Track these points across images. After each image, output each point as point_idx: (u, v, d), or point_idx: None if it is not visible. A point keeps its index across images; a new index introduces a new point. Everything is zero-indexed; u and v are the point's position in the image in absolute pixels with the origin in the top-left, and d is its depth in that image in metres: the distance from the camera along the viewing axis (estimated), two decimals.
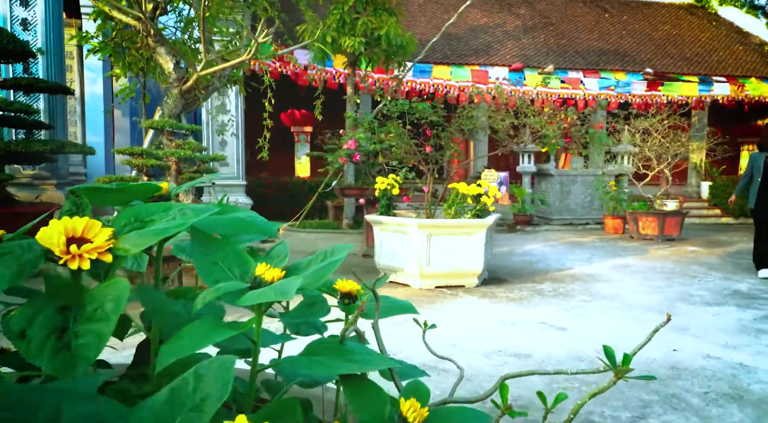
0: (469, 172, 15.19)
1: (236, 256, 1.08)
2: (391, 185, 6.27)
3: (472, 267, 5.93)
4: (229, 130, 9.47)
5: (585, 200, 12.45)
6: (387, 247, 6.19)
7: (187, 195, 5.80)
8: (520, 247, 9.17)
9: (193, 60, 6.21)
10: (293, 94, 12.83)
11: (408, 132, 6.82)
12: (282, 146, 14.90)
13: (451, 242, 5.87)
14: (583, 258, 8.18)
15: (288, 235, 8.74)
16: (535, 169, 12.62)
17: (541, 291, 5.89)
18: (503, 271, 6.99)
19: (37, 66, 7.07)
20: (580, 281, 6.46)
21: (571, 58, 15.17)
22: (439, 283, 5.94)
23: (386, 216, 6.25)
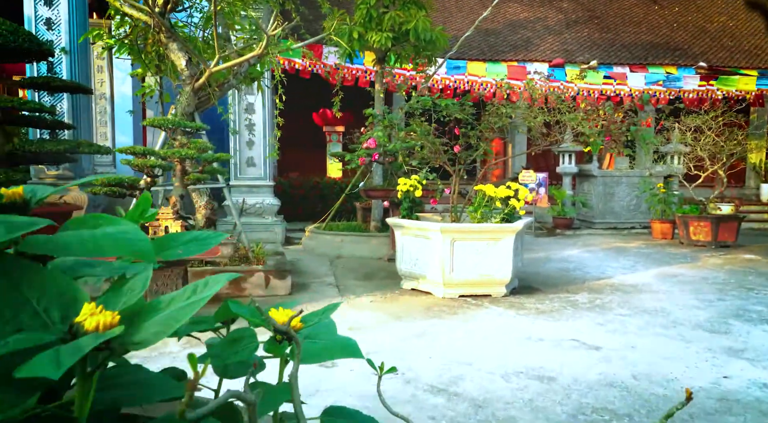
0: (507, 172, 14.62)
1: (61, 292, 0.78)
2: (413, 187, 5.89)
3: (499, 275, 5.49)
4: (257, 130, 9.27)
5: (630, 203, 11.74)
6: (408, 253, 5.82)
7: (201, 196, 5.57)
8: (558, 253, 8.62)
9: (210, 57, 5.98)
10: (325, 93, 12.59)
11: (434, 131, 6.43)
12: (314, 146, 14.70)
13: (477, 248, 5.45)
14: (625, 266, 7.59)
15: (313, 238, 8.47)
16: (576, 169, 11.98)
17: (575, 302, 5.39)
18: (536, 280, 6.51)
19: (60, 66, 7.01)
20: (620, 292, 5.93)
21: (616, 52, 14.41)
22: (464, 291, 5.53)
23: (408, 219, 5.88)
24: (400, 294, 5.65)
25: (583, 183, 12.30)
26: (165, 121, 4.13)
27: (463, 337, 4.23)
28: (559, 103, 5.93)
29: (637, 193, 11.53)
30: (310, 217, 10.90)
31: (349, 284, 6.08)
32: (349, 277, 6.49)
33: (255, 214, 9.23)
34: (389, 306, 5.14)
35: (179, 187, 4.27)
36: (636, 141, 13.33)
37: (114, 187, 4.00)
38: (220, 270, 5.23)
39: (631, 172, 11.76)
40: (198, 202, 5.55)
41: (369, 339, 4.12)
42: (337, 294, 5.54)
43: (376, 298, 5.45)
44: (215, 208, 5.59)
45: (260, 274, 5.30)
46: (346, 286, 5.95)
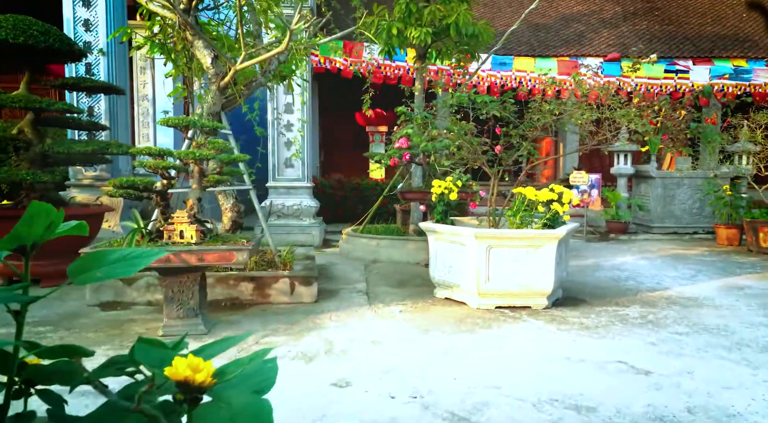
0: (558, 173, 13.97)
1: None
2: (448, 189, 5.53)
3: (539, 286, 5.06)
4: (294, 130, 9.11)
5: (693, 206, 10.93)
6: (442, 260, 5.46)
7: (227, 199, 5.40)
8: (609, 260, 8.04)
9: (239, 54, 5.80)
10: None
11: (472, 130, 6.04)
12: (358, 147, 14.49)
13: (515, 256, 5.04)
14: (685, 275, 6.96)
15: (349, 241, 8.22)
16: (632, 170, 11.26)
17: (625, 317, 4.90)
18: (582, 290, 6.02)
19: (98, 67, 7.03)
20: (677, 305, 5.38)
21: (678, 45, 13.52)
22: (501, 302, 5.13)
23: (442, 224, 5.52)
24: (433, 303, 5.30)
25: (640, 185, 11.56)
26: (179, 120, 3.94)
27: (494, 356, 3.86)
28: (609, 98, 5.43)
29: (700, 196, 10.72)
30: (350, 218, 10.68)
31: (380, 291, 5.78)
32: (382, 283, 6.19)
33: (293, 216, 9.07)
34: (419, 317, 4.80)
35: (197, 189, 4.07)
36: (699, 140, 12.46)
37: (127, 189, 3.84)
38: (244, 276, 5.04)
39: (694, 173, 10.95)
40: (224, 205, 5.38)
41: (391, 354, 3.81)
42: (365, 302, 5.25)
43: (406, 307, 5.12)
44: (242, 210, 5.41)
45: (285, 280, 5.07)
46: (376, 294, 5.66)
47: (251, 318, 4.58)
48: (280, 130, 9.17)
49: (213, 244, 3.88)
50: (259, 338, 4.04)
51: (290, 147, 9.17)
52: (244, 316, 4.65)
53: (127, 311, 4.66)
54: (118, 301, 4.82)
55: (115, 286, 4.78)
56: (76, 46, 5.77)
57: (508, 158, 5.67)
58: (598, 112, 5.45)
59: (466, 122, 6.05)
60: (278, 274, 5.10)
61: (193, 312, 4.03)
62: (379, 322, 4.59)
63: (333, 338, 4.11)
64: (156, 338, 1.06)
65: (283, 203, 9.05)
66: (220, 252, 3.82)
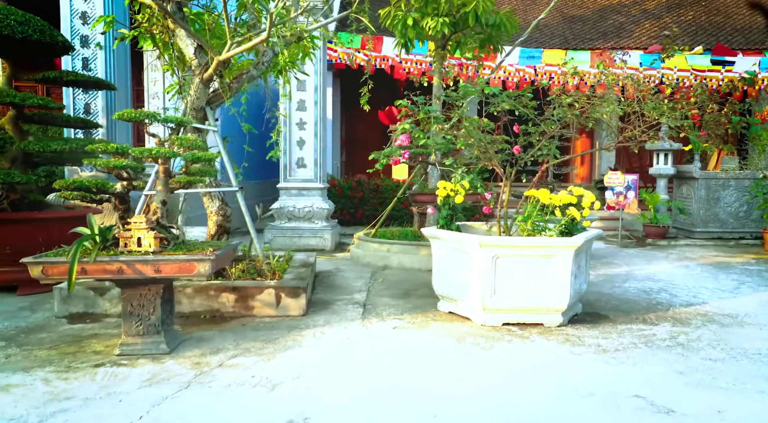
0: (593, 174, 13.17)
1: None
2: (454, 191, 5.01)
3: (552, 301, 4.49)
4: (307, 128, 8.72)
5: (739, 209, 10.04)
6: (445, 269, 4.95)
7: (212, 201, 5.02)
8: (643, 269, 7.34)
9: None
10: (393, 90, 11.87)
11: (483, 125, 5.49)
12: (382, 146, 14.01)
13: (525, 267, 4.48)
14: (726, 287, 6.23)
15: (360, 246, 7.76)
16: (672, 170, 10.42)
17: (651, 338, 4.28)
18: (606, 303, 5.39)
19: (95, 62, 6.78)
20: (714, 324, 4.72)
21: (727, 36, 12.55)
22: (508, 318, 4.58)
23: (446, 229, 5.00)
24: (434, 318, 4.79)
25: (681, 186, 10.71)
26: (136, 114, 3.56)
27: (489, 386, 3.33)
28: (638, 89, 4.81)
29: (747, 198, 9.83)
30: (369, 221, 10.22)
31: (380, 303, 5.30)
32: (385, 293, 5.71)
33: (304, 219, 8.68)
34: (414, 335, 4.30)
35: (162, 191, 3.69)
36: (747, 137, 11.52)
37: (74, 191, 3.48)
38: (226, 286, 4.65)
39: (741, 173, 10.06)
40: (209, 208, 5.00)
41: (368, 383, 3.33)
42: (359, 316, 4.78)
43: (402, 322, 4.63)
44: (228, 214, 5.02)
45: (270, 291, 4.65)
46: (375, 306, 5.18)
47: (226, 334, 4.17)
48: (293, 127, 8.79)
49: (173, 253, 3.48)
50: (225, 359, 3.62)
51: (303, 147, 8.78)
52: (220, 331, 4.25)
53: (94, 325, 4.31)
54: (89, 312, 4.49)
55: (86, 297, 4.46)
56: (60, 38, 5.49)
57: (526, 158, 5.10)
58: (626, 105, 4.83)
59: (479, 118, 5.51)
60: (263, 285, 4.68)
61: (155, 329, 3.64)
62: (367, 341, 4.11)
63: (308, 360, 3.66)
64: None
65: (294, 205, 8.67)
66: (180, 262, 3.42)
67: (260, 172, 11.29)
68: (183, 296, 4.55)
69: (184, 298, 4.55)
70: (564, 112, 4.86)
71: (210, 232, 4.96)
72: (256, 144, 11.39)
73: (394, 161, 5.13)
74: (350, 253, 7.94)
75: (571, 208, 4.53)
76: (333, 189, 10.75)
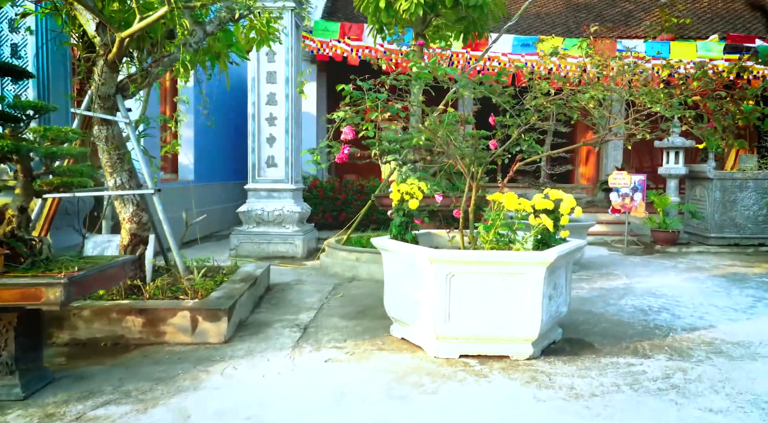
0: (600, 174, 12.26)
1: None
2: (409, 194, 4.23)
3: (520, 328, 3.70)
4: (278, 124, 7.99)
5: (758, 213, 9.09)
6: (397, 287, 4.18)
7: (125, 206, 4.30)
8: (644, 281, 6.47)
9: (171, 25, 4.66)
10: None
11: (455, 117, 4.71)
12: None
13: (486, 287, 3.69)
14: (739, 305, 5.36)
15: (330, 253, 7.01)
16: (684, 170, 9.51)
17: (640, 378, 3.46)
18: (594, 326, 4.57)
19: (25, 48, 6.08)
20: (720, 356, 3.88)
21: (746, 23, 11.57)
22: (468, 349, 3.79)
23: (400, 240, 4.22)
24: (381, 346, 4.02)
25: (694, 187, 9.79)
26: None
27: None
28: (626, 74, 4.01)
29: (767, 201, 8.89)
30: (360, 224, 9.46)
31: (326, 325, 4.54)
32: (337, 312, 4.95)
33: (274, 223, 7.95)
34: (348, 370, 3.54)
35: (20, 195, 2.97)
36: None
37: None
38: (131, 308, 3.92)
39: (761, 173, 9.12)
40: (121, 214, 4.29)
41: None
42: (291, 344, 4.02)
43: (341, 352, 3.86)
44: (144, 220, 4.29)
45: (185, 314, 3.92)
46: (318, 329, 4.42)
47: (116, 370, 3.44)
48: (262, 123, 8.07)
49: (18, 275, 2.76)
50: (89, 409, 2.88)
51: (273, 144, 8.05)
52: (111, 365, 3.51)
53: None
54: None
55: None
56: None
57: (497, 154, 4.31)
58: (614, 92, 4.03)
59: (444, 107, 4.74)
60: (177, 306, 3.95)
61: (7, 369, 2.93)
62: (285, 381, 3.35)
63: (195, 410, 2.91)
64: None
65: (262, 208, 7.94)
66: (22, 287, 2.70)
67: (229, 172, 10.59)
68: (79, 320, 3.84)
69: (81, 321, 3.84)
70: (539, 101, 4.07)
71: (123, 243, 4.24)
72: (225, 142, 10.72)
73: (338, 158, 4.38)
74: (320, 262, 7.20)
75: (541, 216, 3.73)
76: (314, 190, 10.03)
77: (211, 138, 10.32)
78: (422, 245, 4.60)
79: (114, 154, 4.15)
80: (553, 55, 5.66)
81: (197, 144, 9.76)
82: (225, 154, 10.68)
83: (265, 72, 8.05)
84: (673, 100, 3.77)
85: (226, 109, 10.57)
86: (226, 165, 10.67)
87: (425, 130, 4.66)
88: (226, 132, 10.67)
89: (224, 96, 10.58)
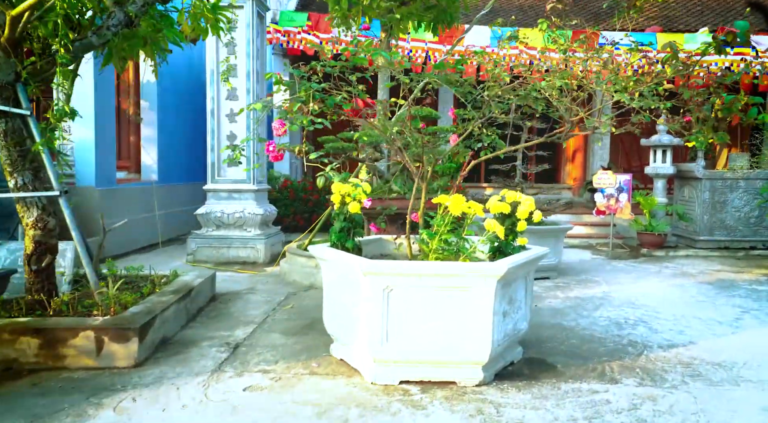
0: (587, 174, 11.80)
1: None
2: (350, 196, 3.75)
3: (469, 351, 3.22)
4: (239, 120, 7.51)
5: (750, 215, 8.64)
6: (334, 301, 3.70)
7: (28, 210, 3.82)
8: (625, 289, 6.01)
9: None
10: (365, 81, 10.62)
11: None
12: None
13: (430, 304, 3.22)
14: (725, 317, 4.90)
15: (290, 259, 6.53)
16: (672, 169, 9.05)
17: (602, 409, 2.99)
18: (561, 343, 4.10)
19: None
20: (698, 380, 3.41)
21: (736, 16, 11.12)
22: (410, 374, 3.31)
23: (340, 248, 3.75)
24: (315, 370, 3.54)
25: (682, 187, 9.34)
26: None
27: None
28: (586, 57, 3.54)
29: (759, 202, 8.44)
30: (326, 226, 8.98)
31: (262, 343, 4.06)
32: (280, 327, 4.47)
33: (234, 226, 7.47)
34: (266, 401, 3.06)
35: None
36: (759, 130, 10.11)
37: None
38: (26, 327, 3.44)
39: (753, 173, 8.67)
40: (24, 219, 3.80)
41: None
42: (213, 367, 3.54)
43: (266, 378, 3.38)
44: (51, 226, 3.80)
45: (89, 334, 3.43)
46: (251, 347, 3.94)
47: None
48: (222, 120, 7.60)
49: None
50: None
51: (234, 142, 7.57)
52: None
53: None
54: None
55: None
56: None
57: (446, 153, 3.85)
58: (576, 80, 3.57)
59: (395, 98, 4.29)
60: (79, 325, 3.46)
61: None
62: (188, 416, 2.87)
63: None
64: None
65: (222, 210, 7.46)
66: None
67: (196, 172, 10.08)
68: None
69: None
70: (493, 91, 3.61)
71: (26, 252, 3.76)
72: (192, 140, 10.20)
73: (273, 157, 3.90)
74: (280, 268, 6.72)
75: (489, 220, 3.26)
76: (285, 191, 9.55)
77: (177, 136, 9.83)
78: (370, 254, 4.16)
79: (14, 151, 3.67)
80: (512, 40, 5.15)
81: (161, 142, 9.27)
82: (192, 153, 10.18)
83: (224, 64, 7.56)
84: (642, 88, 3.32)
85: (193, 106, 10.08)
86: (193, 164, 10.17)
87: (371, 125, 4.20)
88: (192, 130, 10.18)
89: (191, 91, 10.08)
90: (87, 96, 7.35)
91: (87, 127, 7.39)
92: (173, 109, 9.63)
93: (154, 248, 8.48)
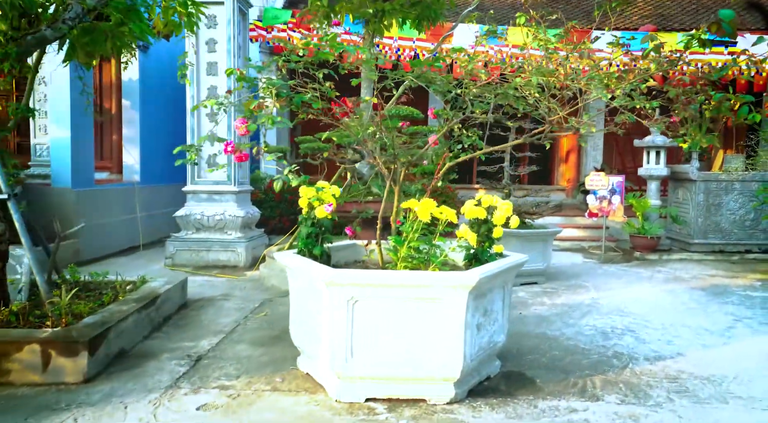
0: (580, 176, 11.59)
1: None
2: (318, 200, 3.55)
3: (439, 366, 3.01)
4: (219, 120, 7.30)
5: (746, 217, 8.44)
6: (300, 311, 3.49)
7: None
8: (614, 295, 5.79)
9: None
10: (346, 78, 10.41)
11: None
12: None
13: (398, 316, 3.00)
14: (717, 326, 4.69)
15: (269, 263, 6.32)
16: (666, 171, 8.84)
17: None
18: (542, 355, 3.88)
19: None
20: (684, 397, 3.20)
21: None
22: (376, 391, 3.10)
23: (302, 255, 3.53)
24: (278, 385, 3.32)
25: (676, 190, 9.13)
26: None
27: None
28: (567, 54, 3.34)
29: (755, 204, 8.24)
30: None
31: (227, 355, 3.85)
32: (248, 338, 4.26)
33: (215, 229, 7.24)
34: (218, 421, 2.85)
35: None
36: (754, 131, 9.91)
37: None
38: None
39: (748, 175, 8.47)
40: None
41: None
42: (168, 383, 3.32)
43: (223, 394, 3.17)
44: (1, 231, 3.59)
45: (34, 347, 3.21)
46: (214, 360, 3.73)
47: None
48: (203, 119, 7.39)
49: None
50: None
51: (215, 142, 7.34)
52: None
53: None
54: None
55: None
56: None
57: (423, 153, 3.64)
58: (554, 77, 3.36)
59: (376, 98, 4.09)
60: (25, 337, 3.25)
61: None
62: None
63: None
64: None
65: (202, 212, 7.23)
66: None
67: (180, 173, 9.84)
68: None
69: None
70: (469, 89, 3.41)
71: None
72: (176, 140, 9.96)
73: (237, 158, 3.69)
74: (259, 272, 6.51)
75: (463, 227, 3.05)
76: (270, 192, 9.32)
77: (161, 136, 9.59)
78: (342, 260, 3.95)
79: None
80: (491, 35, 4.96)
81: (143, 142, 9.05)
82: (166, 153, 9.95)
83: (205, 63, 7.36)
84: (624, 85, 3.11)
85: (177, 105, 9.85)
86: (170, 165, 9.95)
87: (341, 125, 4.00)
88: (176, 129, 9.94)
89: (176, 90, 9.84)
90: (63, 94, 7.15)
91: (62, 126, 7.18)
92: (156, 108, 9.41)
93: (135, 251, 8.25)
